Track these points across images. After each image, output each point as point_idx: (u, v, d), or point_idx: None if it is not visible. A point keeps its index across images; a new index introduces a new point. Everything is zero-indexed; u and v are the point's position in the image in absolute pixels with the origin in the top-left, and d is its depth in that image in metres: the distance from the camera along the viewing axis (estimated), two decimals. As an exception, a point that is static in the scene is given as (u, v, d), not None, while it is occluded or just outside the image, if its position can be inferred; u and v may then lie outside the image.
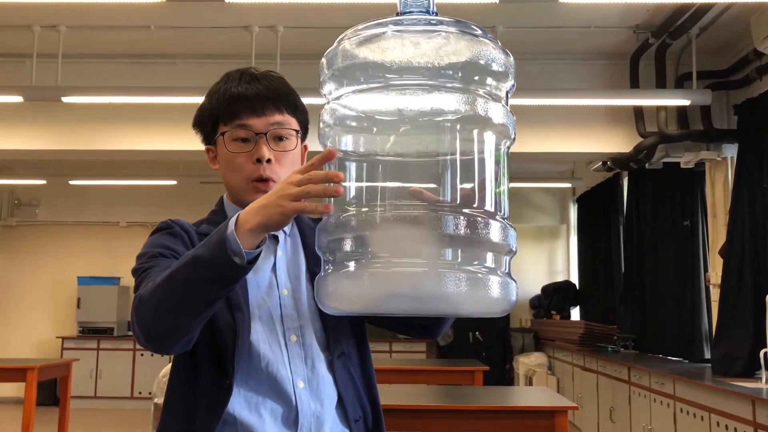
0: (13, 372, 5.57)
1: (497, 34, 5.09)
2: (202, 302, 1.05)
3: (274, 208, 1.01)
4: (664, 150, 5.53)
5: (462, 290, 0.93)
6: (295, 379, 1.20)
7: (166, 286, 1.06)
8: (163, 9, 4.60)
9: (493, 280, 0.96)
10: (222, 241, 1.02)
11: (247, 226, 1.02)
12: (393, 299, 0.95)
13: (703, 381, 4.39)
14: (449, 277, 0.92)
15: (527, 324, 9.02)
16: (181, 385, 1.22)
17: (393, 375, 5.30)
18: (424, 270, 0.93)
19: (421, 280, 0.93)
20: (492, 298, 0.96)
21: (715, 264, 5.32)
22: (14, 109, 5.69)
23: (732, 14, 4.81)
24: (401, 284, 0.94)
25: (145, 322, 1.09)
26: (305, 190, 0.99)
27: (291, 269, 1.29)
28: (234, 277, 1.03)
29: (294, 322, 1.24)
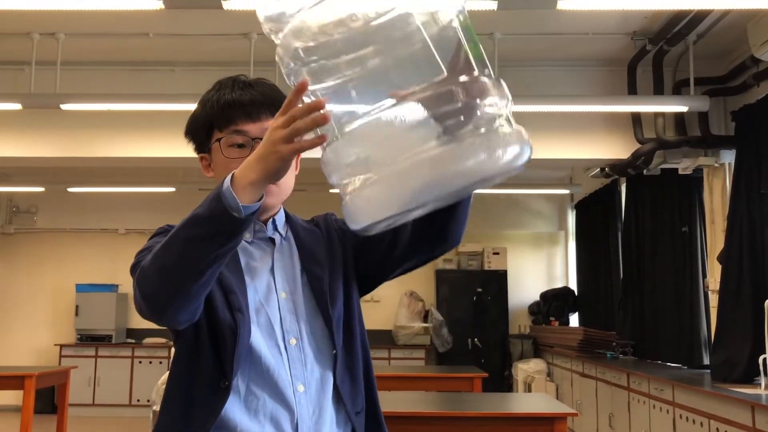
0: (11, 380, 5.56)
1: (495, 41, 5.11)
2: (203, 261, 1.04)
3: (271, 156, 1.00)
4: (662, 156, 5.54)
5: (481, 155, 0.93)
6: (294, 383, 1.20)
7: (166, 250, 1.05)
8: (162, 16, 4.61)
9: (505, 133, 0.97)
10: (218, 197, 1.01)
11: (246, 179, 1.01)
12: (420, 192, 0.95)
13: (703, 387, 4.39)
14: (464, 147, 0.93)
15: (526, 330, 9.01)
16: (179, 384, 1.21)
17: (392, 382, 5.29)
18: (440, 150, 0.93)
19: (440, 161, 0.93)
20: (511, 150, 0.97)
21: (713, 270, 5.32)
22: (13, 117, 5.70)
23: (729, 21, 4.83)
24: (423, 173, 0.93)
25: (147, 288, 1.08)
26: (294, 128, 0.98)
27: (288, 272, 1.29)
28: (233, 231, 1.02)
29: (293, 326, 1.24)
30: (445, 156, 0.93)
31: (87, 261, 9.22)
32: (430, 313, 8.82)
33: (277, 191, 1.28)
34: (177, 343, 1.24)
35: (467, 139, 0.94)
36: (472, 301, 8.84)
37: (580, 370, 6.82)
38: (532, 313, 9.01)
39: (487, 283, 8.88)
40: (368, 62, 0.98)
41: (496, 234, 9.21)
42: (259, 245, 1.30)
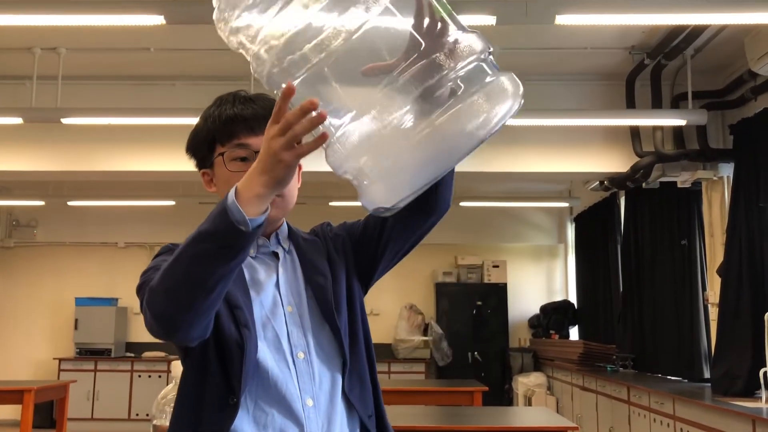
0: (9, 394, 5.54)
1: (494, 56, 5.11)
2: (211, 277, 1.03)
3: (274, 166, 0.99)
4: (661, 169, 5.56)
5: (481, 115, 0.95)
6: (303, 397, 1.20)
7: (173, 268, 1.05)
8: (163, 31, 4.64)
9: (496, 83, 0.98)
10: (224, 211, 1.00)
11: (251, 192, 1.01)
12: (433, 165, 0.97)
13: (703, 400, 4.38)
14: (464, 111, 0.94)
15: (526, 344, 8.99)
16: (187, 402, 1.21)
17: (392, 396, 5.27)
18: (442, 120, 0.94)
19: (445, 130, 0.94)
20: (507, 98, 0.98)
21: (713, 283, 5.32)
22: (14, 131, 5.72)
23: (726, 35, 4.86)
24: (433, 146, 0.95)
25: (157, 308, 1.07)
26: (292, 134, 0.97)
27: (292, 285, 1.29)
28: (241, 245, 1.01)
29: (301, 339, 1.24)
30: (448, 125, 0.94)
31: (86, 274, 9.21)
32: (430, 326, 8.81)
33: (281, 204, 1.29)
34: (185, 360, 1.23)
35: (465, 102, 0.95)
36: (471, 314, 8.83)
37: (581, 384, 6.80)
38: (532, 326, 8.99)
39: (486, 296, 8.87)
40: (337, 45, 0.97)
41: (496, 247, 9.21)
42: (263, 260, 1.30)
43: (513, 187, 8.69)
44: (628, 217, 6.83)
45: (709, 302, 5.43)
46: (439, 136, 0.94)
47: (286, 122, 0.97)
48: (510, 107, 0.98)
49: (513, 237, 9.26)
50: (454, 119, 0.94)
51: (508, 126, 1.16)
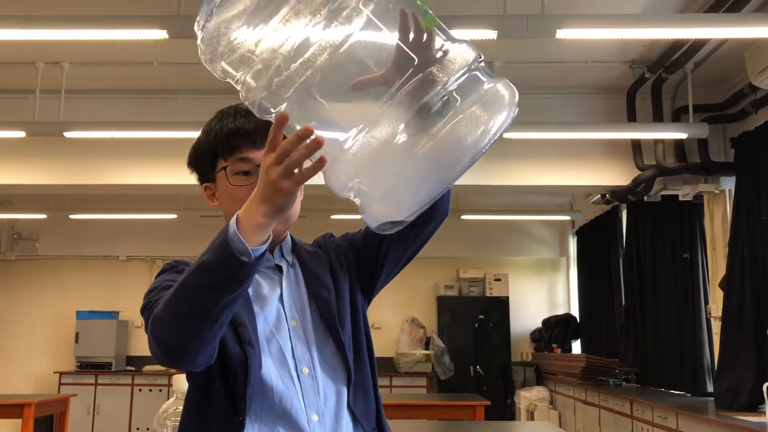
0: (9, 408, 5.52)
1: (495, 70, 5.16)
2: (215, 307, 1.02)
3: (275, 195, 0.99)
4: (662, 183, 5.56)
5: (479, 128, 0.94)
6: (309, 413, 1.19)
7: (176, 298, 1.04)
8: (166, 45, 4.66)
9: (492, 92, 0.97)
10: (225, 243, 0.99)
11: (253, 221, 1.00)
12: (433, 179, 0.96)
13: (707, 415, 4.35)
14: (462, 124, 0.93)
15: (528, 358, 8.96)
16: (192, 421, 1.20)
17: (394, 410, 5.25)
18: (441, 134, 0.93)
19: (443, 147, 0.93)
20: (504, 106, 0.97)
21: (715, 296, 5.31)
22: (17, 144, 5.74)
23: (726, 49, 4.88)
24: (431, 164, 0.94)
25: (161, 338, 1.06)
26: (291, 161, 0.96)
27: (296, 299, 1.29)
28: (243, 276, 1.01)
29: (305, 354, 1.23)
30: (448, 139, 0.93)
31: (87, 288, 9.20)
32: (432, 340, 8.78)
33: (284, 218, 1.29)
34: (189, 379, 1.23)
35: (463, 114, 0.94)
36: (473, 327, 8.80)
37: (583, 398, 6.77)
38: (534, 340, 8.96)
39: (488, 309, 8.85)
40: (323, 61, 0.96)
41: (498, 260, 9.20)
42: (266, 274, 1.30)
43: (514, 201, 8.69)
44: (629, 230, 6.82)
45: (711, 316, 5.41)
46: (439, 150, 0.94)
47: (283, 151, 0.96)
48: (507, 115, 0.98)
49: (515, 250, 9.25)
50: (454, 132, 0.93)
51: (509, 139, 1.17)
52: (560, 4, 4.19)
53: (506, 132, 1.10)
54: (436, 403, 5.74)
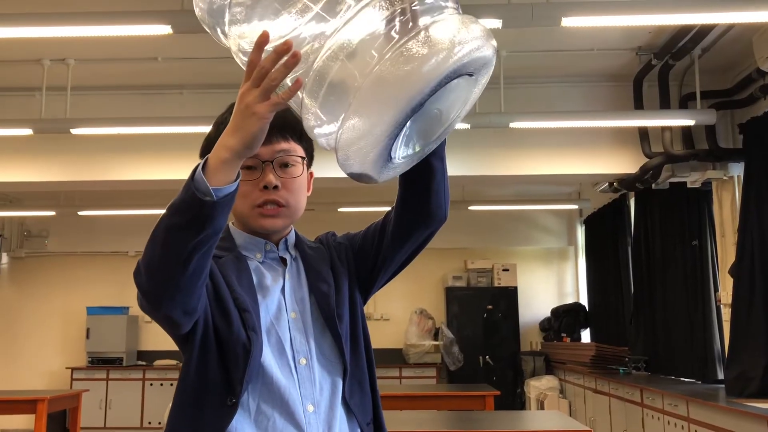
0: (23, 404, 5.56)
1: (501, 59, 5.14)
2: (184, 249, 1.02)
3: (247, 121, 0.96)
4: (671, 170, 5.54)
5: (447, 42, 0.90)
6: (305, 403, 1.21)
7: (151, 241, 1.05)
8: (170, 41, 4.67)
9: (455, 19, 0.94)
10: (188, 183, 0.99)
11: (219, 158, 0.99)
12: (403, 101, 0.91)
13: (717, 402, 4.35)
14: (423, 42, 0.89)
15: (538, 347, 8.96)
16: (185, 399, 1.21)
17: (403, 401, 5.26)
18: (398, 52, 0.90)
19: (401, 63, 0.89)
20: (470, 38, 0.93)
21: (725, 283, 5.29)
22: (24, 142, 5.76)
23: (734, 35, 4.84)
24: (391, 80, 0.89)
25: (139, 281, 1.08)
26: (269, 80, 0.93)
27: (297, 292, 1.30)
28: (207, 215, 1.00)
29: (303, 346, 1.25)
30: (405, 56, 0.89)
31: (97, 284, 9.25)
32: (441, 330, 8.79)
33: (287, 212, 1.30)
34: (185, 357, 1.24)
35: (424, 33, 0.91)
36: (482, 318, 8.81)
37: (593, 387, 6.77)
38: (543, 329, 8.96)
39: (497, 300, 8.85)
40: None
41: (506, 250, 9.19)
42: (270, 265, 1.32)
43: (522, 190, 8.67)
44: (638, 218, 6.80)
45: (721, 303, 5.40)
46: (392, 70, 0.89)
47: (262, 69, 0.94)
48: (479, 45, 0.93)
49: (523, 240, 9.24)
50: (411, 52, 0.89)
51: (515, 129, 1.16)
52: (565, -9, 4.16)
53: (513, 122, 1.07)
54: (446, 393, 5.75)
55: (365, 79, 0.90)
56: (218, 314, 1.20)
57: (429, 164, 1.20)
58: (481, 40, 0.94)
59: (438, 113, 1.00)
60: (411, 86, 0.91)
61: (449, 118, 1.05)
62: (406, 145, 1.02)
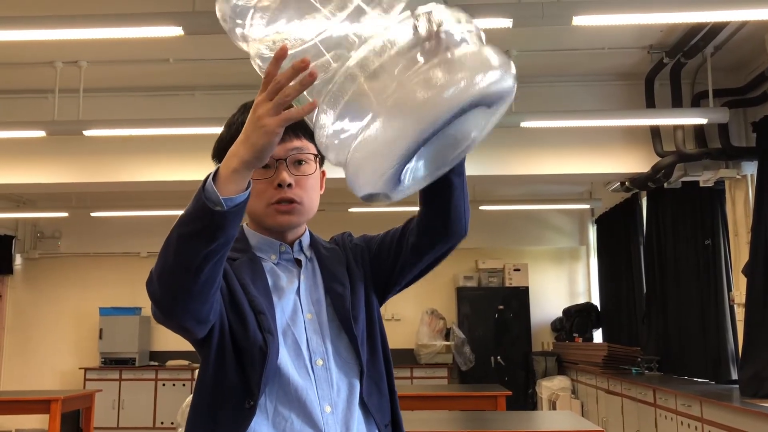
0: (36, 404, 5.61)
1: (512, 58, 5.10)
2: (196, 258, 1.02)
3: (256, 133, 0.96)
4: (683, 169, 5.50)
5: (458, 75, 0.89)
6: (322, 404, 1.21)
7: (164, 250, 1.06)
8: (182, 42, 4.69)
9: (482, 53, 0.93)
10: (198, 193, 0.99)
11: (229, 168, 0.99)
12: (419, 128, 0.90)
13: (731, 402, 4.32)
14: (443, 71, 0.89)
15: (549, 347, 8.93)
16: (203, 403, 1.22)
17: (415, 401, 5.26)
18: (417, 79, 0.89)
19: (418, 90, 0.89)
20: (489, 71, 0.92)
21: (738, 283, 5.25)
22: (37, 144, 5.80)
23: (746, 32, 4.80)
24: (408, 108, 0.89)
25: (155, 293, 1.08)
26: (283, 95, 0.94)
27: (312, 293, 1.30)
28: (218, 225, 0.99)
29: (320, 347, 1.25)
30: (425, 84, 0.89)
31: (110, 285, 9.30)
32: (452, 331, 8.78)
33: (300, 210, 1.30)
34: (203, 361, 1.24)
35: (446, 62, 0.90)
36: (493, 318, 8.79)
37: (606, 387, 6.74)
38: (555, 329, 8.93)
39: (508, 300, 8.83)
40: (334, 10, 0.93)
41: (517, 250, 9.16)
42: (285, 267, 1.32)
43: (533, 190, 8.65)
44: (650, 217, 6.76)
45: (735, 302, 5.36)
46: (410, 96, 0.89)
47: (277, 83, 0.94)
48: (500, 77, 0.92)
49: (534, 240, 9.21)
50: (429, 81, 0.88)
51: (526, 128, 1.15)
52: (576, -10, 4.14)
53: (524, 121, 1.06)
54: (458, 394, 5.74)
55: (383, 103, 0.90)
56: (234, 317, 1.20)
57: (448, 180, 1.20)
58: (501, 72, 0.94)
59: (453, 139, 1.00)
60: (427, 116, 0.90)
61: (464, 144, 1.04)
62: (417, 168, 1.02)
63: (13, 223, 9.38)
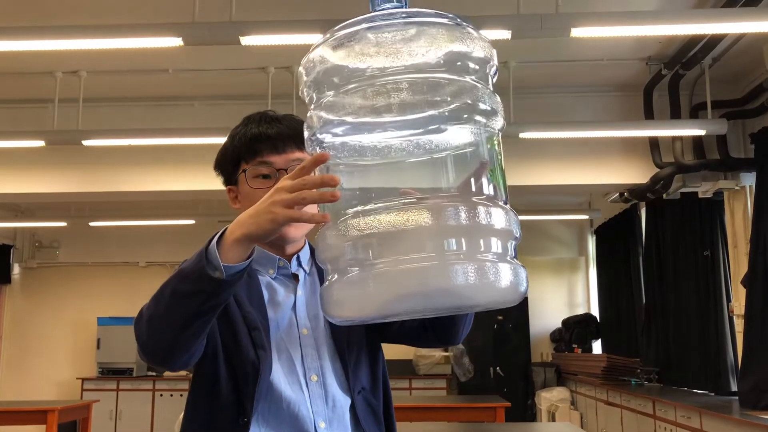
0: (33, 414, 5.58)
1: (510, 69, 5.14)
2: (188, 316, 1.02)
3: (264, 216, 0.96)
4: (682, 180, 5.51)
5: (471, 281, 0.88)
6: (316, 420, 1.20)
7: (156, 300, 1.05)
8: (182, 52, 4.69)
9: (502, 267, 0.92)
10: (201, 255, 0.99)
11: (233, 236, 0.98)
12: (401, 299, 0.90)
13: (731, 414, 4.30)
14: (457, 269, 0.88)
15: (549, 358, 8.90)
16: (196, 419, 1.21)
17: (413, 412, 5.24)
18: (431, 264, 0.89)
19: (428, 275, 0.89)
20: (503, 286, 0.91)
21: (738, 294, 5.25)
22: (36, 153, 5.80)
23: (744, 44, 4.82)
24: (408, 282, 0.89)
25: (141, 336, 1.08)
26: (300, 196, 0.94)
27: (310, 308, 1.29)
28: (213, 291, 1.00)
29: (314, 362, 1.24)
30: (435, 271, 0.89)
31: (108, 294, 9.29)
32: (451, 341, 8.75)
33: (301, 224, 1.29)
34: (196, 376, 1.24)
35: (466, 261, 0.89)
36: (492, 329, 8.77)
37: (605, 398, 6.71)
38: (554, 340, 8.91)
39: (507, 310, 8.69)
40: (392, 149, 0.94)
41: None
42: (282, 281, 1.31)
43: (532, 200, 8.65)
44: (649, 228, 6.76)
45: (734, 314, 5.35)
46: (419, 277, 0.89)
47: (303, 183, 0.94)
48: (500, 297, 0.93)
49: (533, 250, 9.20)
50: (438, 271, 0.89)
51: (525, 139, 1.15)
52: (574, 2, 4.16)
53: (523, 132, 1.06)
54: (456, 405, 5.72)
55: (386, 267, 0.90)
56: (227, 333, 1.20)
57: None
58: (512, 293, 0.94)
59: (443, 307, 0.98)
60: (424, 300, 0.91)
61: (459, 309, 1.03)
62: None
63: (12, 232, 9.37)
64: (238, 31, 3.72)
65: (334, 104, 0.95)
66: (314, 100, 0.99)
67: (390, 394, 1.33)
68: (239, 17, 3.92)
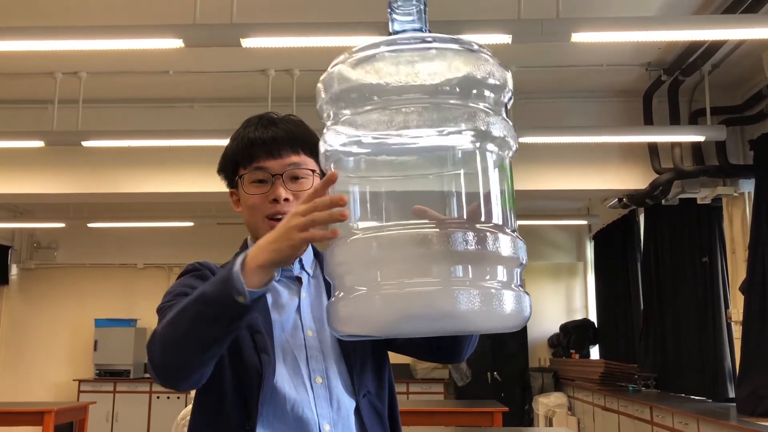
0: (29, 416, 5.57)
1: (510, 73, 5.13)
2: (207, 339, 1.04)
3: (283, 242, 0.99)
4: (680, 186, 5.51)
5: (475, 306, 0.91)
6: (321, 422, 1.19)
7: (174, 322, 1.06)
8: (182, 54, 4.70)
9: (507, 294, 0.94)
10: (226, 280, 1.01)
11: (255, 263, 1.01)
12: (406, 320, 0.93)
13: (729, 421, 4.30)
14: (462, 294, 0.90)
15: (546, 363, 8.89)
16: (201, 426, 1.21)
17: (411, 417, 5.23)
18: (436, 289, 0.91)
19: (434, 298, 0.91)
20: (506, 312, 0.94)
21: (736, 301, 5.25)
22: (36, 154, 5.80)
23: (744, 51, 4.83)
24: (413, 305, 0.91)
25: (156, 358, 1.09)
26: (312, 218, 0.97)
27: (315, 310, 1.29)
28: (237, 315, 1.02)
29: (319, 364, 1.24)
30: (443, 294, 0.91)
31: (106, 296, 9.27)
32: (449, 346, 8.74)
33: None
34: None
35: (471, 287, 0.91)
36: (490, 333, 8.74)
37: (602, 404, 6.71)
38: (552, 345, 8.90)
39: (505, 315, 8.78)
40: (404, 171, 0.97)
41: (514, 266, 9.14)
42: (286, 284, 1.31)
43: (531, 205, 8.65)
44: (647, 234, 6.77)
45: (732, 320, 5.35)
46: (425, 298, 0.91)
47: (313, 205, 0.97)
48: (502, 323, 0.96)
49: (531, 255, 8.97)
50: (443, 295, 0.91)
51: (525, 143, 1.15)
52: (575, 7, 4.17)
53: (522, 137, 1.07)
54: (454, 409, 5.71)
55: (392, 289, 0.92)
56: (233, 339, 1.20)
57: None
58: (515, 319, 0.96)
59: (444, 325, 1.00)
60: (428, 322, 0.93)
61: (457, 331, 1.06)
62: None
63: (10, 233, 9.36)
64: (239, 33, 3.72)
65: (351, 122, 0.98)
66: (331, 117, 1.02)
67: (396, 399, 1.33)
68: (240, 19, 3.92)
